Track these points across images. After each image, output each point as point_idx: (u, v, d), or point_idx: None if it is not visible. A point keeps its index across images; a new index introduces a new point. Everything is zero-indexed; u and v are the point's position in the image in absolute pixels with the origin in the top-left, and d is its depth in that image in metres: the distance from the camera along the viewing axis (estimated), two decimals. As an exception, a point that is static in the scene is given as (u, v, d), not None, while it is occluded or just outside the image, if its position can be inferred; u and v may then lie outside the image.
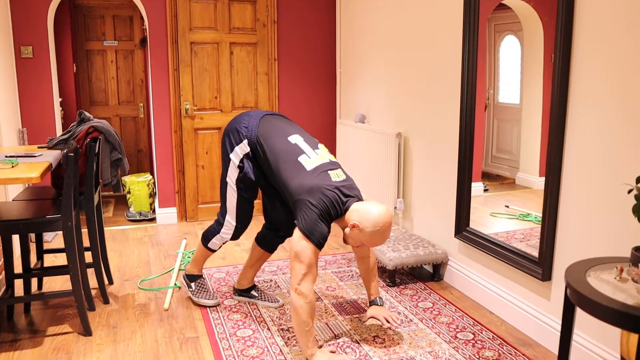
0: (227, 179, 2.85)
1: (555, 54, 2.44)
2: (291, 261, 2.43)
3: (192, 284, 3.15)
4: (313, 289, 2.42)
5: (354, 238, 2.50)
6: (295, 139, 2.67)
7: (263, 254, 3.12)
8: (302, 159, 2.57)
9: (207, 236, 3.03)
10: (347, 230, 2.50)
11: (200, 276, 3.18)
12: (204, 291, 3.12)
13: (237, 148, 2.77)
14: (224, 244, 3.04)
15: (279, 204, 2.94)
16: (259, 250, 3.11)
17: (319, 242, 2.42)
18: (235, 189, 2.83)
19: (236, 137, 2.78)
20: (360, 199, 2.58)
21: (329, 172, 2.53)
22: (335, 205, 2.46)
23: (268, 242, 3.08)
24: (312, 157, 2.58)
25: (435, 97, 3.52)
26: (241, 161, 2.78)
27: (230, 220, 2.91)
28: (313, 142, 2.69)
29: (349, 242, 2.57)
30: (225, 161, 2.85)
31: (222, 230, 2.96)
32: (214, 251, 3.08)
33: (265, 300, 3.17)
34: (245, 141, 2.74)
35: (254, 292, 3.21)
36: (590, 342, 2.40)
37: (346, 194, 2.50)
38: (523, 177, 2.90)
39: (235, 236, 2.97)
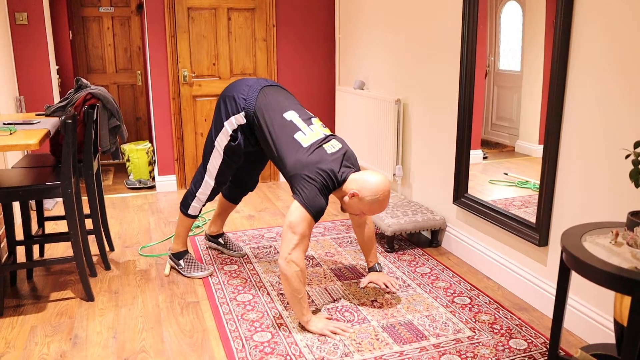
0: (216, 142, 2.87)
1: (556, 20, 2.42)
2: (284, 231, 2.45)
3: (181, 261, 3.16)
4: (304, 258, 2.45)
5: (353, 207, 2.54)
6: (291, 115, 2.68)
7: (230, 206, 3.39)
8: (297, 136, 2.59)
9: (185, 202, 3.07)
10: (346, 199, 2.53)
11: (187, 251, 3.20)
12: (194, 265, 3.15)
13: (232, 118, 2.78)
14: (202, 206, 3.08)
15: (253, 167, 3.17)
16: (226, 202, 3.37)
17: (317, 214, 2.45)
18: (222, 153, 2.87)
19: (233, 106, 2.78)
20: (357, 167, 2.62)
21: (324, 145, 2.56)
22: (332, 177, 2.49)
23: (234, 196, 3.33)
24: (308, 133, 2.60)
25: (435, 63, 3.49)
26: (235, 131, 2.80)
27: (209, 181, 2.96)
28: (307, 117, 2.71)
29: (347, 211, 2.60)
30: (218, 124, 2.86)
31: (199, 190, 3.00)
32: (194, 217, 3.11)
33: (230, 249, 3.43)
34: (243, 113, 2.76)
35: (221, 240, 3.46)
36: (584, 306, 2.44)
37: (343, 165, 2.54)
38: (523, 144, 2.89)
39: (212, 197, 3.04)
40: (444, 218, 3.51)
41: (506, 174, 3.01)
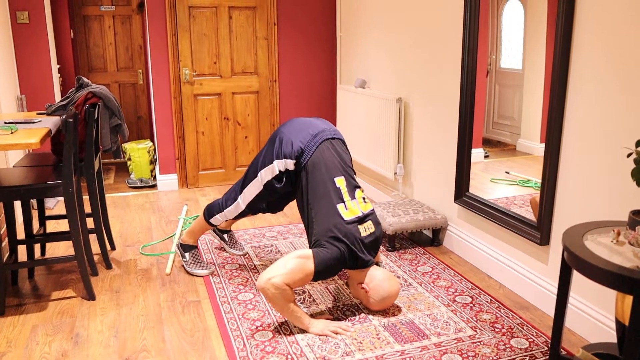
0: (259, 174, 2.81)
1: (557, 18, 2.41)
2: (282, 259, 2.45)
3: (187, 254, 3.18)
4: (284, 286, 2.40)
5: (357, 294, 2.70)
6: (340, 182, 2.65)
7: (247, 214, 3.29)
8: (340, 207, 2.59)
9: (211, 212, 3.06)
10: (355, 284, 2.67)
11: (195, 247, 3.21)
12: (197, 262, 3.16)
13: (284, 160, 2.72)
14: (225, 221, 3.09)
15: (286, 201, 3.10)
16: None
17: (318, 275, 2.47)
18: (262, 186, 2.83)
19: (288, 150, 2.70)
20: (377, 251, 2.72)
21: (359, 226, 2.58)
22: (354, 259, 2.56)
23: (256, 213, 3.21)
24: (349, 208, 2.60)
25: (436, 62, 3.49)
26: (281, 172, 2.75)
27: (241, 204, 2.93)
28: (353, 187, 2.68)
29: (350, 290, 2.78)
30: (267, 158, 2.78)
31: (228, 209, 2.98)
32: (214, 226, 3.13)
33: (232, 247, 3.42)
34: (295, 161, 2.70)
35: (226, 237, 3.46)
36: (586, 305, 2.44)
37: (370, 251, 2.62)
38: (524, 143, 2.89)
39: (238, 218, 3.06)
40: (445, 217, 3.50)
41: (508, 172, 3.00)
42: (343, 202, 2.60)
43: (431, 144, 3.63)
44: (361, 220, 2.60)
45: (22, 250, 3.47)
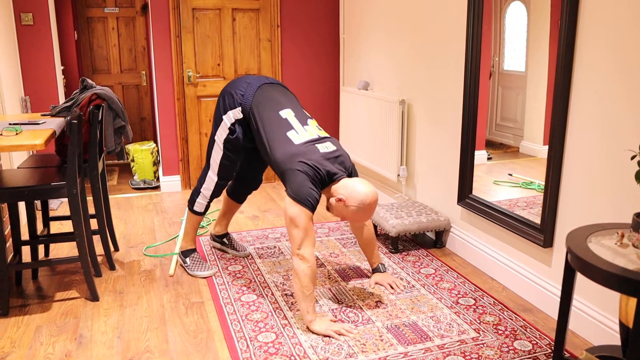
0: (216, 137, 2.93)
1: (560, 20, 2.41)
2: (287, 228, 2.50)
3: (187, 259, 3.19)
4: (314, 253, 2.47)
5: (337, 210, 2.59)
6: (287, 113, 2.71)
7: (234, 205, 3.42)
8: (290, 134, 2.62)
9: (191, 199, 3.14)
10: (332, 201, 2.57)
11: (194, 250, 3.22)
12: (199, 264, 3.17)
13: (230, 112, 2.84)
14: (208, 203, 3.11)
15: (256, 164, 3.21)
16: (230, 201, 3.41)
17: (311, 205, 2.46)
18: (222, 147, 2.92)
19: (231, 101, 2.84)
20: (350, 172, 2.64)
21: (317, 144, 2.58)
22: (320, 171, 2.50)
23: (238, 195, 3.36)
24: (300, 132, 2.63)
25: (440, 64, 3.49)
26: (233, 124, 2.85)
27: (212, 176, 3.01)
28: (304, 117, 2.74)
29: (332, 213, 2.64)
30: (217, 120, 2.92)
31: (203, 186, 3.05)
32: (201, 214, 3.15)
33: (234, 249, 3.44)
34: (239, 108, 2.81)
35: (225, 240, 3.48)
36: (589, 308, 2.43)
37: (335, 164, 2.57)
38: (527, 145, 2.89)
39: (216, 193, 3.07)
40: (449, 219, 3.50)
41: (511, 174, 3.00)
42: (293, 128, 2.64)
43: (434, 145, 3.63)
44: (317, 141, 2.60)
45: (26, 251, 3.48)
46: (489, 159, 3.20)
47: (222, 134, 2.90)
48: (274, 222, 4.10)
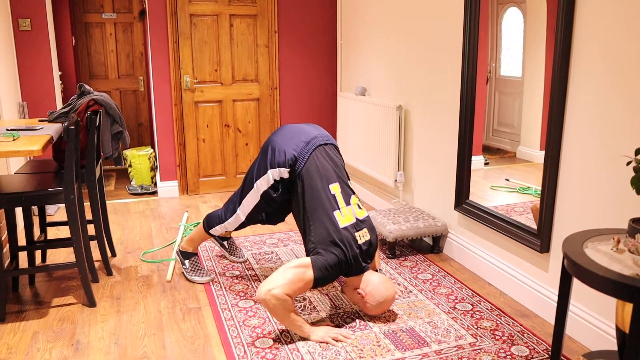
0: (255, 184, 2.80)
1: (556, 26, 2.42)
2: (280, 269, 2.46)
3: (186, 262, 3.18)
4: (285, 297, 2.41)
5: (354, 299, 2.69)
6: (335, 189, 2.65)
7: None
8: (336, 214, 2.59)
9: (211, 223, 3.07)
10: (351, 290, 2.67)
11: (195, 254, 3.22)
12: (197, 269, 3.16)
13: (277, 170, 2.71)
14: (225, 232, 3.10)
15: (283, 212, 3.08)
16: None
17: (317, 281, 2.48)
18: (259, 197, 2.82)
19: (281, 159, 2.69)
20: (372, 258, 2.71)
21: (356, 233, 2.59)
22: (352, 265, 2.57)
23: (256, 223, 3.17)
24: (344, 214, 2.61)
25: (437, 69, 3.50)
26: (277, 182, 2.75)
27: (241, 215, 2.93)
28: (348, 194, 2.68)
29: (347, 296, 2.76)
30: (262, 168, 2.77)
31: (228, 221, 2.98)
32: (213, 236, 3.16)
33: (232, 255, 3.43)
34: (289, 169, 2.70)
35: (226, 244, 3.45)
36: (586, 313, 2.44)
37: (366, 258, 2.63)
38: (524, 150, 2.90)
39: (238, 229, 3.04)
40: (446, 224, 3.51)
41: (507, 180, 3.01)
42: (338, 208, 2.60)
43: (431, 151, 3.64)
44: (356, 226, 2.61)
45: (23, 256, 3.47)
46: (486, 164, 3.20)
47: (263, 184, 2.77)
48: (271, 227, 4.10)
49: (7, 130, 2.85)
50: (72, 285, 3.11)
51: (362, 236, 2.61)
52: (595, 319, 2.39)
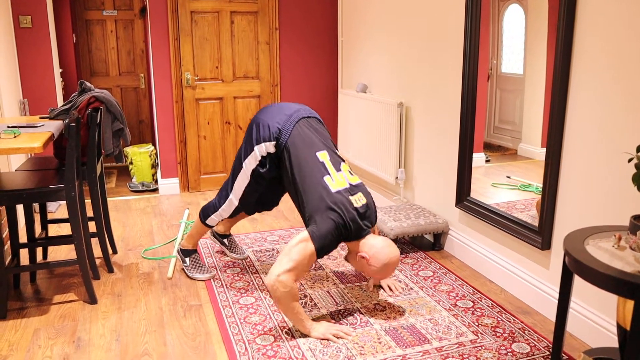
0: (244, 164, 2.83)
1: (558, 23, 2.42)
2: (283, 252, 2.46)
3: (187, 259, 3.19)
4: (294, 282, 2.42)
5: (358, 265, 2.64)
6: (323, 156, 2.65)
7: (243, 215, 3.37)
8: (326, 179, 2.58)
9: (206, 212, 3.07)
10: (355, 256, 2.62)
11: (195, 251, 3.22)
12: (198, 266, 3.16)
13: (263, 145, 2.74)
14: (221, 220, 3.09)
15: (276, 191, 3.11)
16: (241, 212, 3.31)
17: (320, 251, 2.46)
18: (249, 176, 2.84)
19: (266, 133, 2.72)
20: (374, 222, 2.66)
21: (350, 197, 2.56)
22: (350, 229, 2.52)
23: (251, 211, 3.20)
24: (335, 179, 2.59)
25: (438, 66, 3.50)
26: (264, 157, 2.77)
27: (234, 200, 2.94)
28: (337, 161, 2.68)
29: (350, 263, 2.71)
30: (248, 146, 2.80)
31: (222, 207, 2.99)
32: (210, 227, 3.13)
33: (232, 252, 3.43)
34: (274, 143, 2.72)
35: (226, 241, 3.47)
36: (587, 310, 2.44)
37: (364, 220, 2.58)
38: (525, 147, 2.89)
39: (233, 215, 3.03)
40: (447, 221, 3.51)
41: (509, 177, 3.01)
42: (329, 174, 2.59)
43: (432, 148, 3.63)
44: (350, 191, 2.58)
45: (24, 253, 3.48)
46: (487, 161, 3.20)
47: (251, 162, 2.80)
48: (272, 224, 4.10)
49: (8, 127, 2.85)
50: (73, 283, 3.11)
51: (358, 200, 2.57)
52: (596, 316, 2.39)
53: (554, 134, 2.50)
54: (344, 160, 2.72)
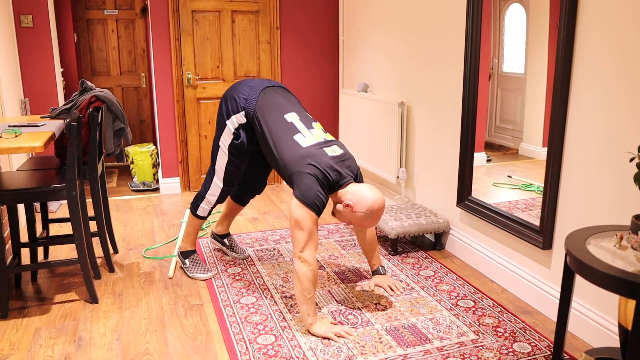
0: (220, 143, 2.91)
1: (559, 22, 2.41)
2: (291, 230, 2.48)
3: (187, 261, 3.19)
4: (316, 257, 2.46)
5: (344, 216, 2.57)
6: (292, 117, 2.70)
7: (236, 207, 3.41)
8: (297, 137, 2.60)
9: (195, 203, 3.11)
10: (340, 207, 2.56)
11: (194, 251, 3.22)
12: (198, 266, 3.17)
13: (233, 117, 2.83)
14: (212, 208, 3.10)
15: (260, 169, 3.19)
16: (233, 203, 3.39)
17: (318, 208, 2.45)
18: (227, 153, 2.90)
19: (234, 105, 2.82)
20: (357, 175, 2.63)
21: (324, 148, 2.56)
22: (329, 176, 2.48)
23: (241, 198, 3.35)
24: (307, 136, 2.61)
25: (439, 66, 3.49)
26: (237, 129, 2.84)
27: (218, 182, 2.99)
28: (308, 120, 2.72)
29: (338, 218, 2.62)
30: (220, 125, 2.90)
31: (208, 192, 3.03)
32: (203, 219, 3.14)
33: (233, 251, 3.45)
34: (243, 112, 2.80)
35: (226, 241, 3.49)
36: (588, 310, 2.43)
37: (343, 168, 2.54)
38: (526, 147, 2.89)
39: (221, 199, 3.06)
40: (448, 221, 3.50)
41: (510, 176, 3.00)
42: (300, 132, 2.62)
43: (433, 147, 3.63)
44: (323, 145, 2.57)
45: (25, 253, 3.48)
46: (488, 160, 3.20)
47: (226, 139, 2.87)
48: (273, 224, 4.10)
49: (10, 126, 2.85)
50: (74, 282, 3.11)
51: (334, 151, 2.56)
52: (598, 315, 2.39)
53: (555, 133, 2.50)
54: (315, 121, 2.76)
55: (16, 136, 2.62)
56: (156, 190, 5.11)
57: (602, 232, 1.89)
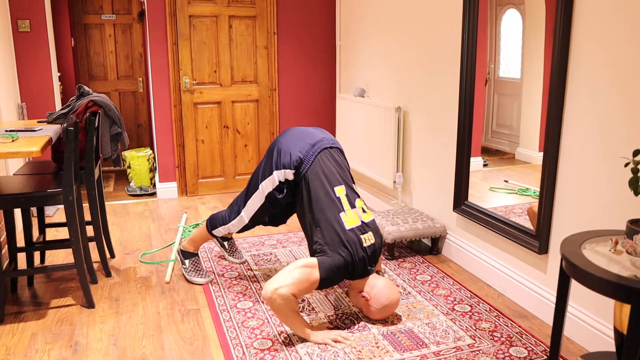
0: (260, 186, 2.81)
1: (555, 28, 2.43)
2: (287, 268, 2.46)
3: (187, 261, 3.18)
4: (289, 296, 2.42)
5: (358, 303, 2.70)
6: (340, 191, 2.66)
7: None
8: (342, 215, 2.60)
9: (214, 223, 3.07)
10: (356, 293, 2.68)
11: (196, 254, 3.22)
12: (197, 270, 3.16)
13: (283, 171, 2.72)
14: (227, 233, 3.10)
15: (286, 214, 3.11)
16: None
17: (323, 283, 2.48)
18: (264, 198, 2.83)
19: (286, 160, 2.71)
20: (377, 261, 2.71)
21: (362, 235, 2.59)
22: (357, 267, 2.57)
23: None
24: (349, 216, 2.61)
25: (435, 71, 3.51)
26: (282, 183, 2.76)
27: (245, 217, 2.93)
28: (353, 196, 2.69)
29: (351, 299, 2.77)
30: (267, 170, 2.79)
31: (232, 222, 2.98)
32: (215, 237, 3.16)
33: (231, 255, 3.43)
34: (294, 171, 2.71)
35: (226, 244, 3.45)
36: (584, 314, 2.44)
37: (371, 262, 2.63)
38: (523, 152, 2.90)
39: (241, 231, 3.04)
40: (444, 225, 3.51)
41: (506, 181, 3.01)
42: (344, 210, 2.60)
43: (430, 152, 3.64)
44: (361, 229, 2.60)
45: (21, 258, 3.47)
46: (484, 165, 3.21)
47: (268, 185, 2.79)
48: (270, 229, 4.10)
49: (6, 131, 2.85)
50: (71, 287, 3.10)
51: (368, 239, 2.61)
52: (594, 320, 2.39)
53: (552, 138, 2.51)
54: (359, 196, 2.73)
55: (13, 141, 2.62)
56: (153, 194, 5.11)
57: (597, 236, 1.90)
